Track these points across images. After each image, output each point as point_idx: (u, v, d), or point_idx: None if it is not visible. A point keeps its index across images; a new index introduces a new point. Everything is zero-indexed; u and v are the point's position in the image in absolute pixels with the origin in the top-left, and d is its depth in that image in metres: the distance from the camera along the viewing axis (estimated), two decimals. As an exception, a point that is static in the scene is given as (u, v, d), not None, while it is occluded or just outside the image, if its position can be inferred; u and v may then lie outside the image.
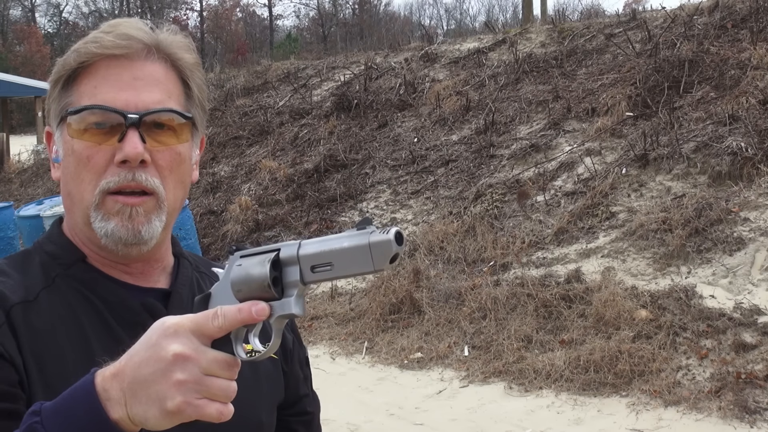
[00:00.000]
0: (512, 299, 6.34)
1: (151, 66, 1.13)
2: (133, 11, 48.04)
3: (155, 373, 0.83)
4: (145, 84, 1.11)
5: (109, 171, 1.10)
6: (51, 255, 1.15)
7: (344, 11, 53.61)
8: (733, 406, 4.66)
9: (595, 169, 7.79)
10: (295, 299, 0.88)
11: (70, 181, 1.13)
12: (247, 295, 0.89)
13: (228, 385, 0.86)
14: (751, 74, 7.95)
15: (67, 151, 1.13)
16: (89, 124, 1.10)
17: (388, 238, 0.82)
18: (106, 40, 1.10)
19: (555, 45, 11.19)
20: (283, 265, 0.89)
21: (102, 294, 1.13)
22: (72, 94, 1.12)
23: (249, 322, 0.87)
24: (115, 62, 1.11)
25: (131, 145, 1.08)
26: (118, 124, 1.09)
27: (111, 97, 1.09)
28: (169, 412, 0.83)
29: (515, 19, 36.55)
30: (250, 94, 14.07)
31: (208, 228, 9.98)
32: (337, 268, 0.85)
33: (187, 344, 0.84)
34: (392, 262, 0.82)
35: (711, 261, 6.08)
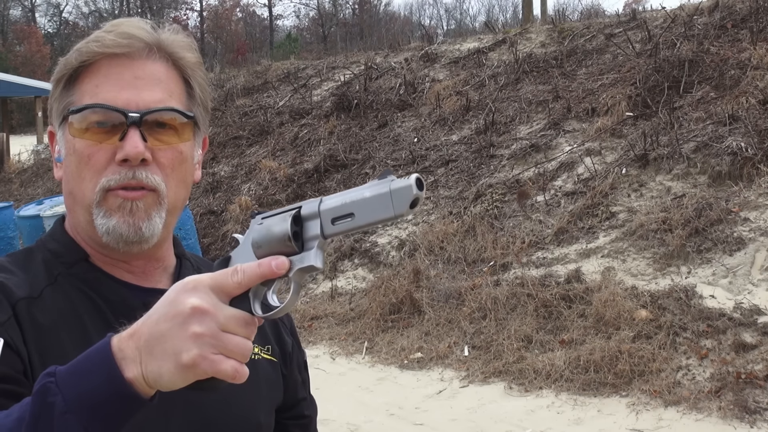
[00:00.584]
0: (512, 299, 6.34)
1: (152, 65, 1.13)
2: (133, 11, 48.04)
3: (172, 327, 0.83)
4: (147, 83, 1.11)
5: (109, 169, 1.10)
6: (54, 253, 1.15)
7: (344, 11, 53.61)
8: (733, 406, 4.66)
9: (595, 169, 7.79)
10: (315, 252, 0.88)
11: (72, 179, 1.13)
12: (267, 252, 0.90)
13: (245, 343, 0.85)
14: (751, 74, 7.95)
15: (69, 150, 1.13)
16: (91, 123, 1.10)
17: (409, 182, 0.84)
18: (108, 39, 1.11)
19: (555, 45, 11.19)
20: (304, 220, 0.90)
21: (104, 293, 1.13)
22: (74, 93, 1.13)
23: (269, 276, 0.87)
24: (117, 61, 1.11)
25: (132, 144, 1.08)
26: (120, 123, 1.09)
27: (112, 96, 1.10)
28: (183, 366, 0.82)
29: (515, 19, 36.57)
30: (250, 94, 14.07)
31: (208, 228, 9.99)
32: (359, 217, 0.86)
33: (205, 299, 0.84)
34: (413, 207, 0.84)
35: (711, 261, 6.08)
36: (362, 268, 8.00)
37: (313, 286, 8.00)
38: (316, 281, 8.09)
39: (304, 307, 7.45)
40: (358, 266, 8.06)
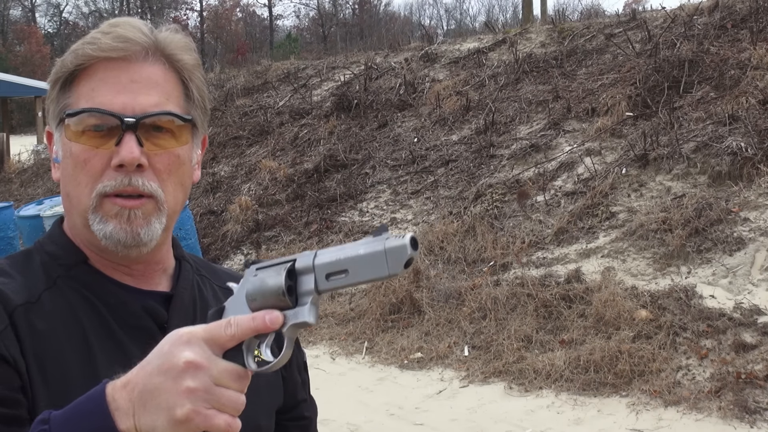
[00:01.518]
0: (512, 299, 6.34)
1: (149, 68, 1.12)
2: (133, 11, 48.03)
3: (166, 380, 0.83)
4: (143, 86, 1.10)
5: (105, 174, 1.09)
6: (52, 256, 1.14)
7: (344, 11, 53.61)
8: (733, 406, 4.66)
9: (595, 169, 7.79)
10: (309, 307, 0.88)
11: (69, 182, 1.13)
12: (261, 305, 0.89)
13: (238, 397, 0.86)
14: (751, 74, 7.95)
15: (65, 153, 1.12)
16: (87, 127, 1.09)
17: (403, 242, 0.83)
18: (104, 42, 1.10)
19: (555, 45, 11.19)
20: (298, 274, 0.89)
21: (103, 296, 1.12)
22: (70, 95, 1.12)
23: (262, 330, 0.87)
24: (113, 64, 1.10)
25: (127, 150, 1.07)
26: (115, 127, 1.08)
27: (108, 100, 1.09)
28: (177, 421, 0.83)
29: (515, 19, 36.56)
30: (250, 94, 14.07)
31: (208, 228, 9.98)
32: (352, 274, 0.85)
33: (198, 352, 0.84)
34: (407, 266, 0.83)
35: (711, 261, 6.08)
36: (362, 268, 7.99)
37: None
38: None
39: (304, 307, 7.44)
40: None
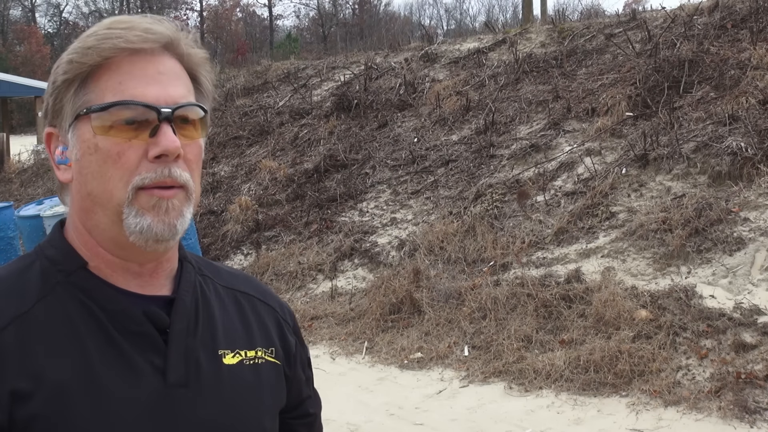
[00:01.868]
0: (512, 299, 6.34)
1: (169, 61, 1.12)
2: (133, 11, 48.05)
3: None
4: (170, 78, 1.11)
5: (142, 166, 1.08)
6: (52, 261, 1.13)
7: (344, 11, 53.60)
8: (733, 406, 4.66)
9: (595, 169, 7.79)
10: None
11: (93, 179, 1.10)
12: None
13: None
14: (751, 74, 7.95)
15: (87, 150, 1.10)
16: (117, 121, 1.08)
17: None
18: (131, 35, 1.09)
19: (555, 45, 11.20)
20: None
21: (103, 303, 1.10)
22: (91, 91, 1.10)
23: None
24: (138, 57, 1.09)
25: (170, 140, 1.07)
26: (150, 119, 1.08)
27: (140, 92, 1.08)
28: None
29: (515, 19, 36.55)
30: (250, 94, 14.07)
31: (208, 228, 9.98)
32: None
33: None
34: None
35: (711, 261, 6.08)
36: (362, 268, 8.00)
37: (313, 286, 8.01)
38: (316, 281, 8.09)
39: (304, 307, 7.45)
40: (358, 266, 8.06)
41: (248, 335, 1.23)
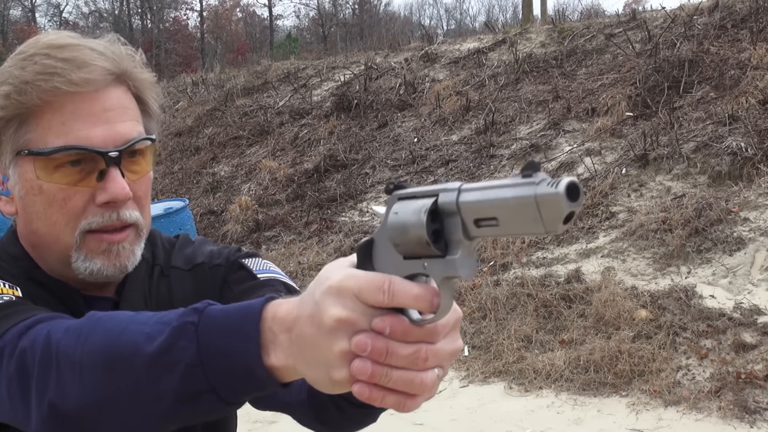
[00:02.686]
0: (512, 299, 6.34)
1: (115, 92, 1.06)
2: (133, 11, 48.02)
3: (319, 335, 0.75)
4: (117, 114, 1.05)
5: (89, 211, 1.04)
6: (13, 257, 1.11)
7: (344, 11, 53.60)
8: (733, 406, 4.66)
9: (595, 169, 7.79)
10: (461, 258, 0.74)
11: (38, 220, 1.06)
12: (406, 251, 0.76)
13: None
14: (751, 74, 7.95)
15: (31, 190, 1.05)
16: (62, 164, 1.03)
17: (557, 192, 0.65)
18: (74, 76, 1.01)
19: (555, 45, 11.19)
20: (443, 215, 0.74)
21: (64, 300, 1.10)
22: (32, 129, 1.03)
23: (422, 309, 0.76)
24: (81, 95, 1.03)
25: (119, 186, 1.03)
26: (96, 161, 1.03)
27: (84, 134, 1.02)
28: (337, 383, 0.77)
29: (515, 19, 36.56)
30: (250, 94, 14.07)
31: (208, 228, 9.99)
32: (504, 224, 0.70)
33: (350, 308, 0.75)
34: (566, 222, 0.67)
35: (711, 261, 6.08)
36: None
37: (313, 286, 8.01)
38: (316, 281, 8.10)
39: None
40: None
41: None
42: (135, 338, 0.82)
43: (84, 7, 55.19)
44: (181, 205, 7.49)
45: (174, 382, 0.79)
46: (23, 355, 0.87)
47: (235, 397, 0.81)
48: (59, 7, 54.62)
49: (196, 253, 1.24)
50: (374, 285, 0.74)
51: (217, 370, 0.79)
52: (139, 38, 43.63)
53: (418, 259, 0.76)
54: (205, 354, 0.79)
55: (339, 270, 0.78)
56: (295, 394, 1.06)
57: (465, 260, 0.74)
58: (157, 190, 11.77)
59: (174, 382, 0.79)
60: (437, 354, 0.76)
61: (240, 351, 0.79)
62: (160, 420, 0.83)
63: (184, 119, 14.03)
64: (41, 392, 0.85)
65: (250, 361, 0.79)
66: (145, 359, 0.80)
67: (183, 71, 21.57)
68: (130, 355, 0.81)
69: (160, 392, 0.80)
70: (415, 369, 0.75)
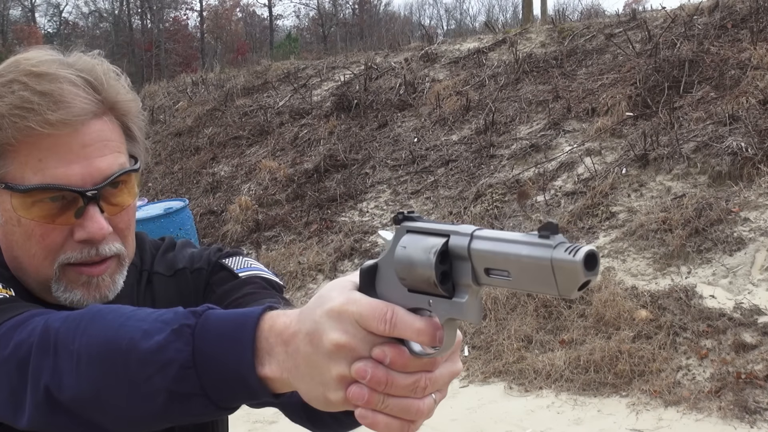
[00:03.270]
0: (512, 299, 6.34)
1: (95, 125, 1.03)
2: (133, 11, 48.01)
3: (316, 355, 0.75)
4: (96, 149, 1.02)
5: (67, 246, 1.04)
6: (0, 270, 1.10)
7: (344, 11, 53.59)
8: (733, 406, 4.66)
9: (595, 169, 7.79)
10: (468, 303, 0.73)
11: (17, 249, 1.06)
12: (412, 286, 0.76)
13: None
14: (751, 74, 7.95)
15: (10, 220, 1.04)
16: (39, 200, 1.01)
17: (574, 261, 0.64)
18: (51, 116, 0.98)
19: (555, 45, 11.19)
20: (452, 258, 0.74)
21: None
22: (9, 163, 1.01)
23: (424, 344, 0.75)
24: (59, 132, 1.00)
25: (97, 226, 1.02)
26: (74, 199, 1.02)
27: (62, 172, 1.00)
28: (332, 404, 0.77)
29: (515, 19, 36.56)
30: (250, 94, 14.06)
31: (208, 228, 9.99)
32: (515, 279, 0.69)
33: (350, 333, 0.74)
34: (581, 289, 0.66)
35: (711, 261, 6.08)
36: (362, 268, 7.99)
37: (313, 286, 8.01)
38: (316, 281, 8.09)
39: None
40: (358, 266, 8.03)
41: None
42: (132, 334, 0.82)
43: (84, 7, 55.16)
44: (181, 205, 7.46)
45: (166, 381, 0.80)
46: (19, 346, 0.88)
47: (226, 402, 0.82)
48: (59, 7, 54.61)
49: (176, 257, 1.24)
50: (376, 313, 0.74)
51: (209, 375, 0.79)
52: (139, 38, 43.61)
53: (423, 294, 0.76)
54: (199, 357, 0.79)
55: (341, 292, 0.77)
56: (288, 396, 1.07)
57: (472, 305, 0.73)
58: (157, 190, 11.77)
59: (166, 381, 0.80)
60: (436, 382, 0.77)
61: (234, 359, 0.79)
62: (152, 417, 0.84)
63: (184, 119, 14.02)
64: (37, 377, 0.86)
65: (243, 370, 0.79)
66: (140, 355, 0.81)
67: (183, 71, 21.57)
68: (126, 349, 0.82)
69: (152, 390, 0.81)
70: (412, 397, 0.75)
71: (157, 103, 15.39)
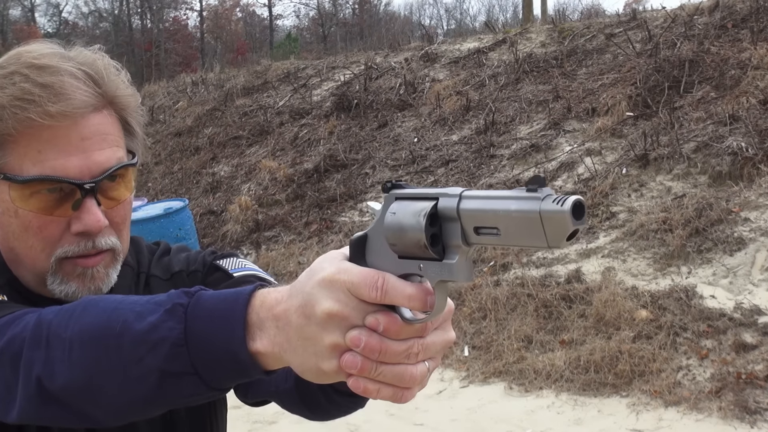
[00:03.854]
0: (512, 299, 6.34)
1: (94, 119, 1.04)
2: (132, 11, 47.99)
3: (308, 325, 0.76)
4: (94, 142, 1.03)
5: (65, 239, 1.04)
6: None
7: (344, 11, 53.59)
8: (733, 406, 4.65)
9: (596, 169, 7.79)
10: (459, 263, 0.74)
11: (14, 240, 1.06)
12: (402, 251, 0.77)
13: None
14: (751, 74, 7.95)
15: (7, 211, 1.04)
16: (37, 190, 1.02)
17: (563, 210, 0.66)
18: (51, 108, 0.99)
19: (555, 45, 11.19)
20: (442, 219, 0.75)
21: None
22: (8, 154, 1.02)
23: (415, 309, 0.76)
24: (58, 124, 1.01)
25: (94, 218, 1.03)
26: (72, 191, 1.02)
27: (60, 164, 1.01)
28: (325, 374, 0.78)
29: (515, 19, 36.57)
30: (250, 94, 14.06)
31: (208, 228, 9.98)
32: (505, 235, 0.70)
33: (342, 301, 0.75)
34: (569, 239, 0.68)
35: (711, 261, 6.08)
36: (362, 268, 7.99)
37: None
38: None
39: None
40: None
41: None
42: (125, 316, 0.82)
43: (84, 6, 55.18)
44: (181, 205, 7.45)
45: (158, 360, 0.80)
46: (12, 341, 0.88)
47: (218, 381, 0.82)
48: (59, 7, 54.61)
49: (172, 261, 1.25)
50: (368, 281, 0.75)
51: (201, 353, 0.80)
52: (138, 38, 43.61)
53: (413, 259, 0.77)
54: (191, 335, 0.80)
55: (332, 262, 0.78)
56: (281, 382, 1.08)
57: (462, 265, 0.74)
58: (157, 190, 11.77)
59: (158, 360, 0.80)
60: (428, 348, 0.78)
61: (225, 335, 0.79)
62: (143, 401, 0.83)
63: (184, 119, 14.02)
64: (29, 369, 0.86)
65: (234, 346, 0.79)
66: (133, 336, 0.81)
67: (183, 71, 21.57)
68: (119, 331, 0.82)
69: (144, 371, 0.81)
70: (405, 363, 0.77)
71: (156, 103, 15.39)
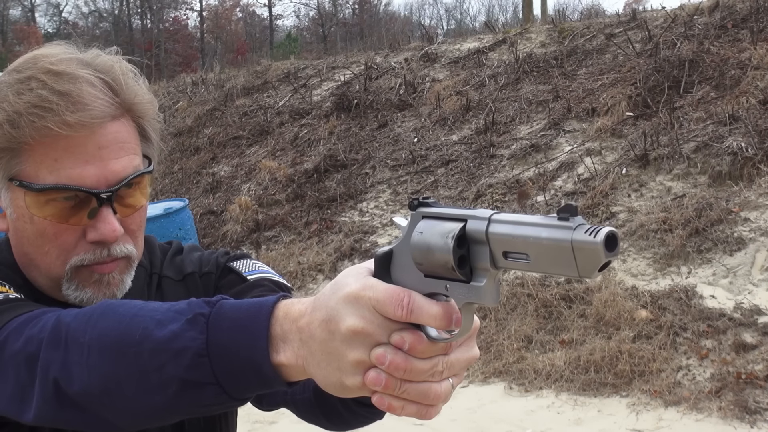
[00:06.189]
0: (512, 299, 6.34)
1: (112, 127, 1.03)
2: (132, 11, 48.00)
3: (332, 340, 0.75)
4: (111, 151, 1.02)
5: (80, 247, 1.04)
6: (8, 266, 1.10)
7: (344, 11, 53.59)
8: (733, 406, 4.66)
9: (596, 169, 7.79)
10: (486, 286, 0.74)
11: (29, 246, 1.06)
12: (429, 271, 0.76)
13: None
14: (751, 74, 7.95)
15: (22, 217, 1.04)
16: (53, 198, 1.01)
17: (595, 242, 0.64)
18: (69, 118, 0.98)
19: (555, 45, 11.19)
20: (470, 242, 0.74)
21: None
22: (24, 161, 1.01)
23: (441, 328, 0.76)
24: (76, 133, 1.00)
25: (110, 228, 1.02)
26: (88, 200, 1.02)
27: (77, 173, 1.00)
28: (349, 389, 0.77)
29: (515, 19, 36.56)
30: (250, 94, 14.06)
31: (208, 228, 9.98)
32: (534, 261, 0.70)
33: (366, 318, 0.74)
34: (602, 270, 0.66)
35: (711, 261, 6.08)
36: (362, 268, 7.98)
37: (313, 287, 8.01)
38: (315, 281, 8.09)
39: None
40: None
41: None
42: (145, 323, 0.82)
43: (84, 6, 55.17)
44: (181, 205, 7.49)
45: (180, 369, 0.79)
46: (29, 341, 0.88)
47: (240, 392, 0.81)
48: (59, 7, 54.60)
49: (185, 262, 1.25)
50: (393, 299, 0.74)
51: (223, 363, 0.79)
52: (139, 38, 43.61)
53: (440, 279, 0.76)
54: (213, 346, 0.79)
55: (357, 278, 0.77)
56: (299, 392, 1.07)
57: (490, 288, 0.74)
58: (157, 190, 11.76)
59: (180, 369, 0.79)
60: (453, 366, 0.78)
61: (248, 345, 0.79)
62: (161, 410, 0.83)
63: (184, 119, 14.02)
64: (46, 371, 0.85)
65: (257, 357, 0.79)
66: (154, 344, 0.80)
67: (183, 71, 21.56)
68: (139, 338, 0.81)
69: (164, 379, 0.80)
70: (429, 381, 0.77)
71: (156, 103, 15.38)
